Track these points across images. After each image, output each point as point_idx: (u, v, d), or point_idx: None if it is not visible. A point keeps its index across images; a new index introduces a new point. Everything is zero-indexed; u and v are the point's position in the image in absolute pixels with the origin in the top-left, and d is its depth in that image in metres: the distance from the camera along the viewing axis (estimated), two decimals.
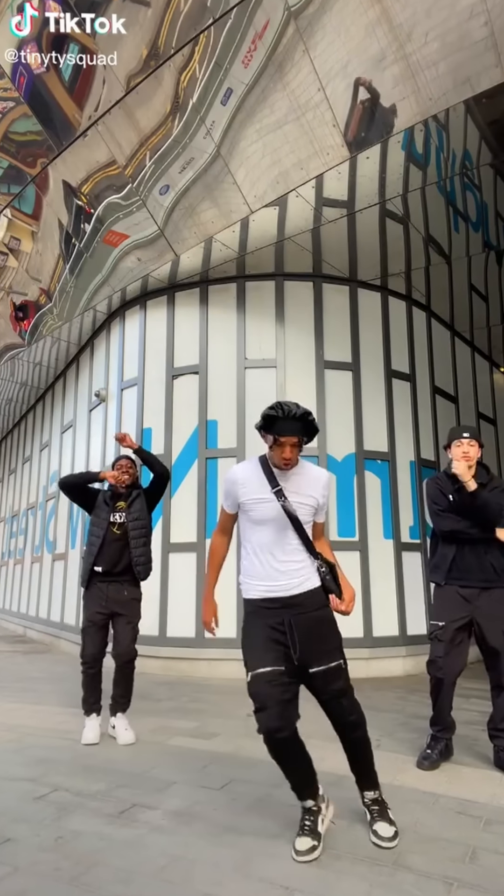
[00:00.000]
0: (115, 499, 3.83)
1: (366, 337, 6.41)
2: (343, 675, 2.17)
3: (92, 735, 3.45)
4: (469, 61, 3.73)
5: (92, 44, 4.95)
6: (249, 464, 2.33)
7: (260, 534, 2.23)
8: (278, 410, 2.12)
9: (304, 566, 2.23)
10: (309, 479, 2.26)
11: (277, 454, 2.17)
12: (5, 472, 13.92)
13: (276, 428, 2.14)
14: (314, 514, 2.28)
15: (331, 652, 2.17)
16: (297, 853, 2.04)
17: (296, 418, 2.13)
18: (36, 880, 1.93)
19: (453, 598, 3.00)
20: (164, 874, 1.97)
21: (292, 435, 2.14)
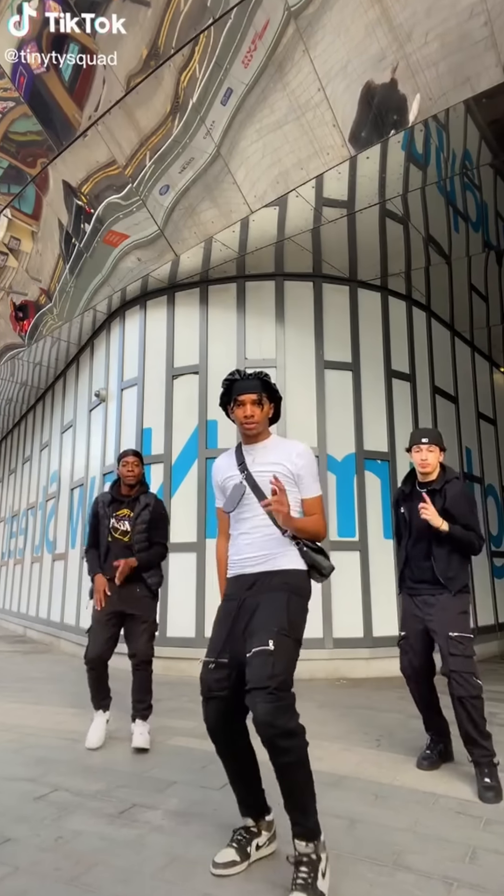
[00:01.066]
0: (116, 504, 3.58)
1: (366, 337, 6.41)
2: (269, 665, 1.80)
3: (95, 738, 3.32)
4: (469, 61, 3.73)
5: (92, 44, 4.95)
6: (226, 452, 2.30)
7: (233, 512, 2.14)
8: (234, 374, 2.17)
9: (272, 540, 2.06)
10: (279, 450, 2.15)
11: (239, 415, 2.12)
12: (5, 472, 13.92)
13: (234, 390, 2.14)
14: (290, 483, 2.09)
15: (263, 632, 1.88)
16: (214, 864, 1.91)
17: (252, 377, 2.16)
18: (36, 880, 1.93)
19: (409, 610, 3.02)
20: (164, 874, 1.97)
21: (250, 392, 2.11)
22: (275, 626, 1.90)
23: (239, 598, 2.04)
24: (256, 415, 2.12)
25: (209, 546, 5.81)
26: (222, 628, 2.04)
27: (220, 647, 2.01)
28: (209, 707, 1.97)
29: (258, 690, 1.78)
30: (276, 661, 1.81)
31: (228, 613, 2.05)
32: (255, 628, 1.93)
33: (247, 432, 2.15)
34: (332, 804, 2.41)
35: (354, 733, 3.59)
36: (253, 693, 1.79)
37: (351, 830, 2.26)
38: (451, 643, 2.73)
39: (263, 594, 2.00)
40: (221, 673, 1.96)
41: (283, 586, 2.01)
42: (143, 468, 3.65)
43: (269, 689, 1.77)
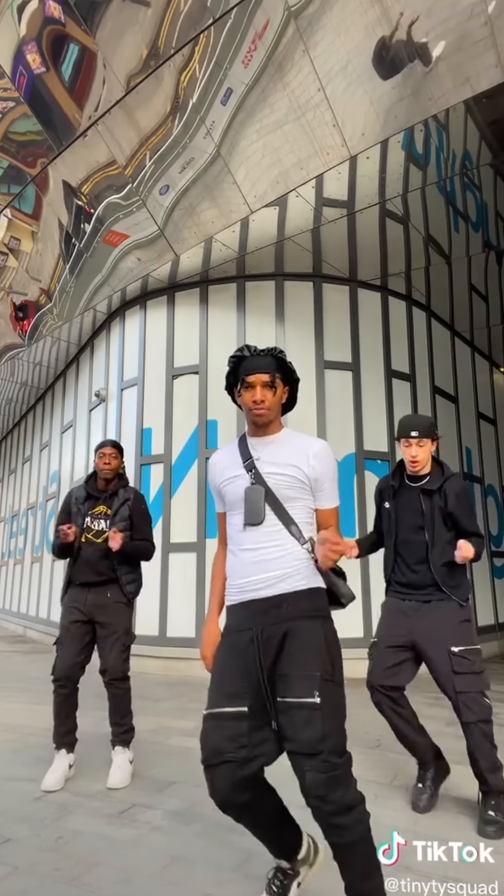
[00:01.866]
0: (92, 501, 3.16)
1: (366, 337, 6.41)
2: (317, 724, 1.46)
3: (53, 779, 2.74)
4: (469, 61, 3.73)
5: (92, 44, 4.95)
6: (226, 446, 1.90)
7: (236, 520, 1.73)
8: (244, 350, 1.78)
9: (288, 555, 1.66)
10: (292, 448, 1.76)
11: (248, 399, 1.74)
12: (5, 472, 13.92)
13: (242, 369, 1.76)
14: (305, 491, 1.73)
15: (304, 679, 1.51)
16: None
17: (265, 353, 1.77)
18: (36, 880, 1.93)
19: (393, 612, 2.63)
20: (164, 874, 1.97)
21: (262, 371, 1.73)
22: (316, 670, 1.53)
23: (253, 630, 1.60)
24: (268, 399, 1.73)
25: (209, 546, 5.81)
26: (233, 669, 1.60)
27: (233, 691, 1.56)
28: (218, 775, 1.52)
29: (306, 758, 1.44)
30: (324, 719, 1.47)
31: (239, 650, 1.61)
32: (288, 671, 1.54)
33: (256, 420, 1.75)
34: None
35: (354, 733, 3.57)
36: (299, 759, 1.45)
37: None
38: (454, 660, 2.39)
39: (289, 622, 1.59)
40: (237, 727, 1.52)
41: (313, 612, 1.64)
42: (121, 460, 3.24)
43: (322, 757, 1.43)
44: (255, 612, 1.63)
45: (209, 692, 1.63)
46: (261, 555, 1.66)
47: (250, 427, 1.81)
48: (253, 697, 1.55)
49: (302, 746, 1.45)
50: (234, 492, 1.73)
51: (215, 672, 1.67)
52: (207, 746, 1.54)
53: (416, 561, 2.62)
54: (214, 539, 5.95)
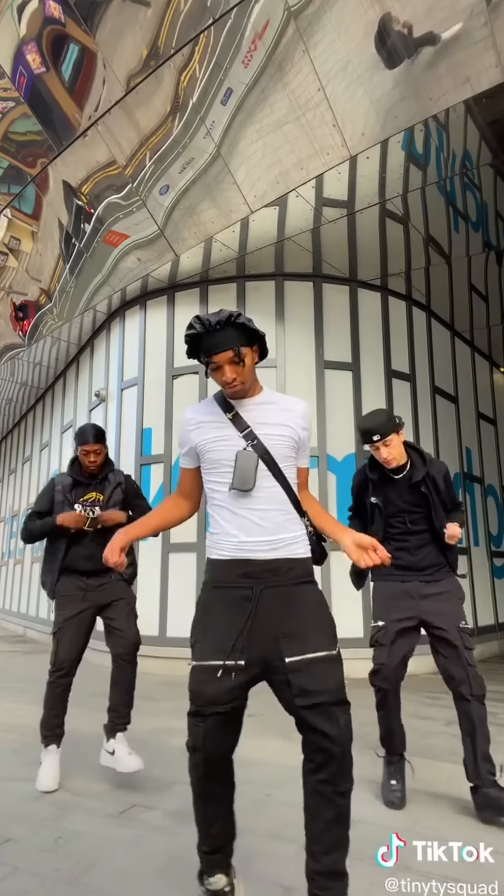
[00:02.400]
0: (81, 489, 2.97)
1: (366, 337, 6.41)
2: (339, 673, 1.58)
3: (50, 778, 2.71)
4: (469, 61, 3.73)
5: (92, 44, 4.95)
6: (203, 402, 1.83)
7: (224, 478, 1.69)
8: (197, 325, 1.64)
9: (290, 521, 1.68)
10: (280, 408, 1.74)
11: (218, 379, 1.67)
12: (5, 472, 13.92)
13: (202, 348, 1.66)
14: (295, 451, 1.73)
15: (323, 635, 1.59)
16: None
17: (222, 326, 1.62)
18: (36, 880, 1.93)
19: (395, 594, 2.59)
20: (164, 874, 1.97)
21: (224, 348, 1.62)
22: (329, 628, 1.63)
23: (252, 589, 1.61)
24: (239, 375, 1.65)
25: None
26: (230, 623, 1.59)
27: (229, 645, 1.56)
28: (211, 725, 1.53)
29: (336, 705, 1.52)
30: (342, 670, 1.59)
31: (232, 605, 1.62)
32: (302, 630, 1.58)
33: (233, 395, 1.71)
34: None
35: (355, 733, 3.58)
36: (328, 708, 1.52)
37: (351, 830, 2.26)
38: (464, 636, 2.45)
39: (289, 586, 1.63)
40: (234, 680, 1.54)
41: (309, 577, 1.69)
42: (105, 447, 3.03)
43: (346, 702, 1.55)
44: (251, 571, 1.63)
45: (198, 642, 1.64)
46: (264, 517, 1.65)
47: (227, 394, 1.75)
48: (249, 652, 1.57)
49: (332, 696, 1.53)
50: (223, 449, 1.68)
51: (205, 622, 1.67)
52: (202, 695, 1.55)
53: (416, 546, 2.63)
54: None
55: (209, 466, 1.73)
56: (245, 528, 1.65)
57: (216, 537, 1.72)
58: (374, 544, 1.66)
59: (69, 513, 2.88)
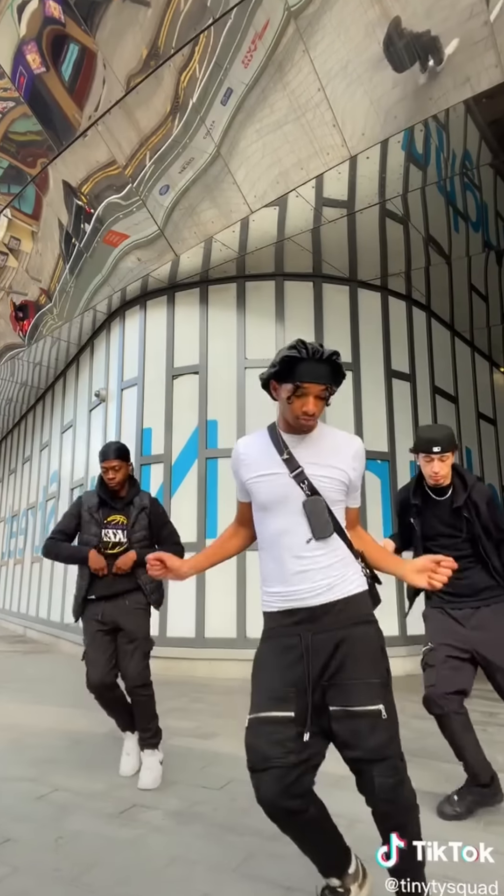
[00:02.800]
0: (107, 510, 3.01)
1: (366, 337, 6.41)
2: (383, 731, 1.49)
3: (128, 766, 2.93)
4: (469, 61, 3.73)
5: (92, 44, 4.95)
6: (255, 434, 1.79)
7: (271, 522, 1.65)
8: (301, 350, 1.57)
9: (336, 563, 1.61)
10: (333, 446, 1.68)
11: (297, 407, 1.60)
12: (5, 472, 13.92)
13: (297, 372, 1.58)
14: (345, 493, 1.67)
15: (366, 688, 1.51)
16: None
17: (323, 360, 1.58)
18: (36, 880, 1.93)
19: (444, 620, 2.57)
20: (164, 874, 1.96)
21: (319, 381, 1.58)
22: (377, 678, 1.53)
23: (300, 635, 1.56)
24: (319, 410, 1.61)
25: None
26: (279, 674, 1.55)
27: (279, 696, 1.51)
28: (265, 780, 1.48)
29: (375, 763, 1.47)
30: (388, 725, 1.50)
31: (284, 654, 1.56)
32: (348, 679, 1.51)
33: (302, 429, 1.66)
34: (332, 804, 2.39)
35: None
36: (366, 766, 1.48)
37: (351, 830, 2.25)
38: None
39: (342, 629, 1.56)
40: (284, 732, 1.49)
41: (364, 617, 1.62)
42: (129, 467, 3.07)
43: (390, 762, 1.48)
44: (299, 619, 1.58)
45: (252, 696, 1.59)
46: (308, 563, 1.59)
47: (285, 425, 1.70)
48: (298, 703, 1.52)
49: (369, 753, 1.47)
50: (271, 490, 1.63)
51: (258, 675, 1.62)
52: (254, 751, 1.51)
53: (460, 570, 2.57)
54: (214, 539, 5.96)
55: (259, 507, 1.69)
56: (287, 578, 1.61)
57: (264, 588, 1.69)
58: (434, 562, 1.63)
59: (98, 558, 2.93)
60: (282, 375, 1.61)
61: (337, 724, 1.50)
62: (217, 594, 5.71)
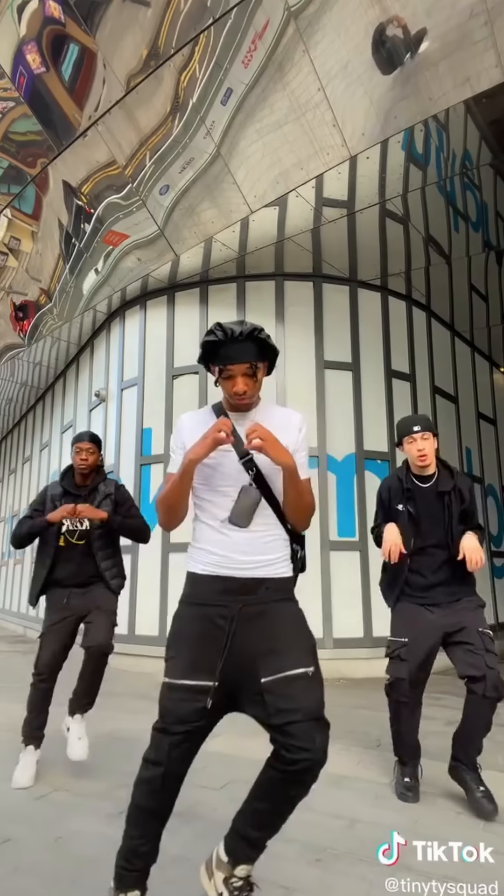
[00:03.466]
0: (70, 499, 2.99)
1: (366, 337, 6.41)
2: (318, 691, 1.55)
3: (26, 776, 2.77)
4: (469, 61, 3.73)
5: (92, 44, 4.95)
6: (200, 411, 1.84)
7: (213, 495, 1.70)
8: (218, 333, 1.64)
9: (276, 540, 1.69)
10: (275, 422, 1.69)
11: (228, 388, 1.67)
12: (5, 472, 13.92)
13: (219, 356, 1.65)
14: None
15: (300, 651, 1.58)
16: None
17: (243, 338, 1.63)
18: (36, 880, 1.93)
19: (417, 613, 2.62)
20: (164, 874, 1.96)
21: (242, 360, 1.64)
22: (307, 644, 1.61)
23: (228, 607, 1.61)
24: (250, 388, 1.66)
25: None
26: (205, 643, 1.60)
27: (202, 665, 1.57)
28: (174, 742, 1.56)
29: (313, 722, 1.49)
30: (320, 686, 1.57)
31: (208, 624, 1.61)
32: (282, 647, 1.57)
33: (238, 408, 1.72)
34: (332, 804, 2.41)
35: (354, 733, 3.58)
36: (305, 726, 1.49)
37: (351, 830, 2.26)
38: (485, 639, 2.48)
39: (268, 604, 1.63)
40: (204, 701, 1.54)
41: (290, 595, 1.71)
42: (100, 455, 3.11)
43: (324, 721, 1.52)
44: (230, 589, 1.63)
45: (171, 659, 1.64)
46: (254, 538, 1.66)
47: (227, 404, 1.75)
48: (225, 674, 1.57)
49: (309, 713, 1.50)
50: (217, 467, 1.67)
51: (179, 640, 1.66)
52: (172, 713, 1.58)
53: (438, 563, 2.64)
54: None
55: (201, 480, 1.71)
56: (229, 546, 1.66)
57: (198, 549, 1.73)
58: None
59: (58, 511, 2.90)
60: (207, 360, 1.71)
61: (271, 694, 1.52)
62: None
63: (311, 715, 1.50)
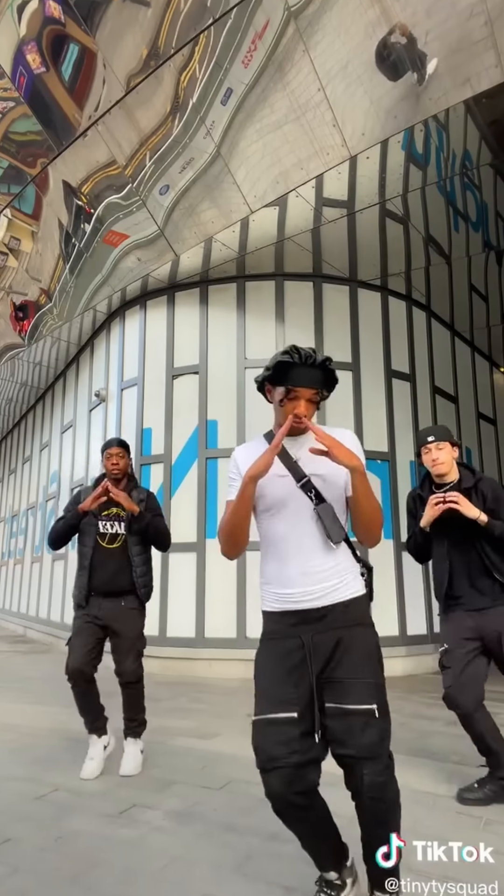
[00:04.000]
0: (104, 505, 3.06)
1: (366, 337, 6.41)
2: (375, 730, 1.53)
3: (89, 769, 2.90)
4: (469, 61, 3.73)
5: (92, 44, 4.95)
6: (253, 441, 1.84)
7: (274, 525, 1.70)
8: (294, 355, 1.64)
9: (337, 567, 1.67)
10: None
11: (289, 409, 1.66)
12: (5, 472, 13.92)
13: (289, 377, 1.65)
14: (346, 490, 1.70)
15: (361, 687, 1.56)
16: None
17: (315, 365, 1.65)
18: (36, 880, 1.93)
19: (460, 620, 2.64)
20: (164, 874, 1.96)
21: (310, 385, 1.65)
22: (372, 679, 1.59)
23: (300, 637, 1.61)
24: (310, 413, 1.68)
25: (209, 546, 5.81)
26: (281, 675, 1.60)
27: (283, 698, 1.56)
28: (274, 779, 1.53)
29: (365, 761, 1.51)
30: (380, 724, 1.55)
31: (285, 656, 1.62)
32: (344, 678, 1.57)
33: (293, 432, 1.70)
34: (333, 804, 2.40)
35: None
36: (357, 763, 1.52)
37: (351, 830, 2.25)
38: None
39: (340, 630, 1.61)
40: (289, 733, 1.54)
41: (362, 620, 1.67)
42: (129, 460, 3.19)
43: (381, 761, 1.53)
44: (300, 620, 1.63)
45: (256, 697, 1.63)
46: (310, 566, 1.65)
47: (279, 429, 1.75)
48: (302, 703, 1.57)
49: (361, 751, 1.52)
50: (275, 494, 1.67)
51: (261, 677, 1.66)
52: (262, 751, 1.56)
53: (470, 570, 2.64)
54: (214, 539, 5.94)
55: (262, 511, 1.71)
56: (287, 580, 1.66)
57: (264, 588, 1.73)
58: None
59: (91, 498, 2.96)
60: (275, 379, 1.69)
61: (331, 720, 1.55)
62: (217, 594, 5.71)
63: (362, 753, 1.52)
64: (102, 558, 3.03)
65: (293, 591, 1.64)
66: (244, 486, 1.61)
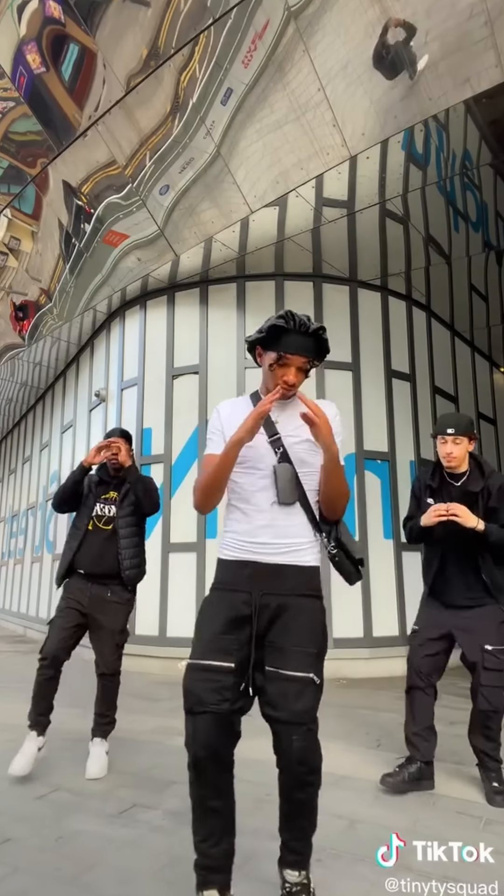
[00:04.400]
0: (104, 487, 3.22)
1: (366, 337, 6.41)
2: (309, 698, 1.56)
3: (21, 764, 2.77)
4: (469, 61, 3.73)
5: (92, 44, 4.95)
6: (238, 399, 1.89)
7: (246, 479, 1.73)
8: (289, 321, 1.67)
9: (303, 531, 1.71)
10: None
11: (278, 375, 1.69)
12: (5, 472, 13.92)
13: (282, 342, 1.67)
14: (319, 455, 1.73)
15: (302, 656, 1.59)
16: None
17: (308, 333, 1.69)
18: (36, 880, 1.93)
19: (434, 607, 2.74)
20: (164, 874, 1.96)
21: (302, 353, 1.68)
22: (314, 649, 1.61)
23: (251, 594, 1.65)
24: (299, 381, 1.70)
25: (209, 546, 5.81)
26: (224, 625, 1.64)
27: (222, 647, 1.60)
28: (199, 723, 1.54)
29: (295, 726, 1.53)
30: (314, 694, 1.57)
31: (231, 608, 1.65)
32: (287, 645, 1.60)
33: (282, 398, 1.70)
34: (332, 804, 2.41)
35: (354, 733, 3.59)
36: (286, 727, 1.54)
37: (351, 830, 2.26)
38: (486, 656, 2.54)
39: (289, 596, 1.65)
40: (223, 681, 1.56)
41: (313, 591, 1.70)
42: (130, 450, 3.31)
43: (308, 727, 1.55)
44: (254, 574, 1.66)
45: (195, 642, 1.67)
46: (279, 522, 1.69)
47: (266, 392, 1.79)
48: (240, 656, 1.60)
49: (293, 717, 1.54)
50: (251, 450, 1.69)
51: (203, 623, 1.69)
52: (193, 694, 1.58)
53: (462, 564, 2.67)
54: (214, 539, 5.96)
55: (239, 461, 1.72)
56: (253, 529, 1.70)
57: (227, 536, 1.77)
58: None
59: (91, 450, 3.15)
60: (267, 343, 1.71)
61: (269, 683, 1.58)
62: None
63: (294, 718, 1.53)
64: (93, 538, 3.12)
65: (256, 541, 1.68)
66: (229, 448, 1.65)
